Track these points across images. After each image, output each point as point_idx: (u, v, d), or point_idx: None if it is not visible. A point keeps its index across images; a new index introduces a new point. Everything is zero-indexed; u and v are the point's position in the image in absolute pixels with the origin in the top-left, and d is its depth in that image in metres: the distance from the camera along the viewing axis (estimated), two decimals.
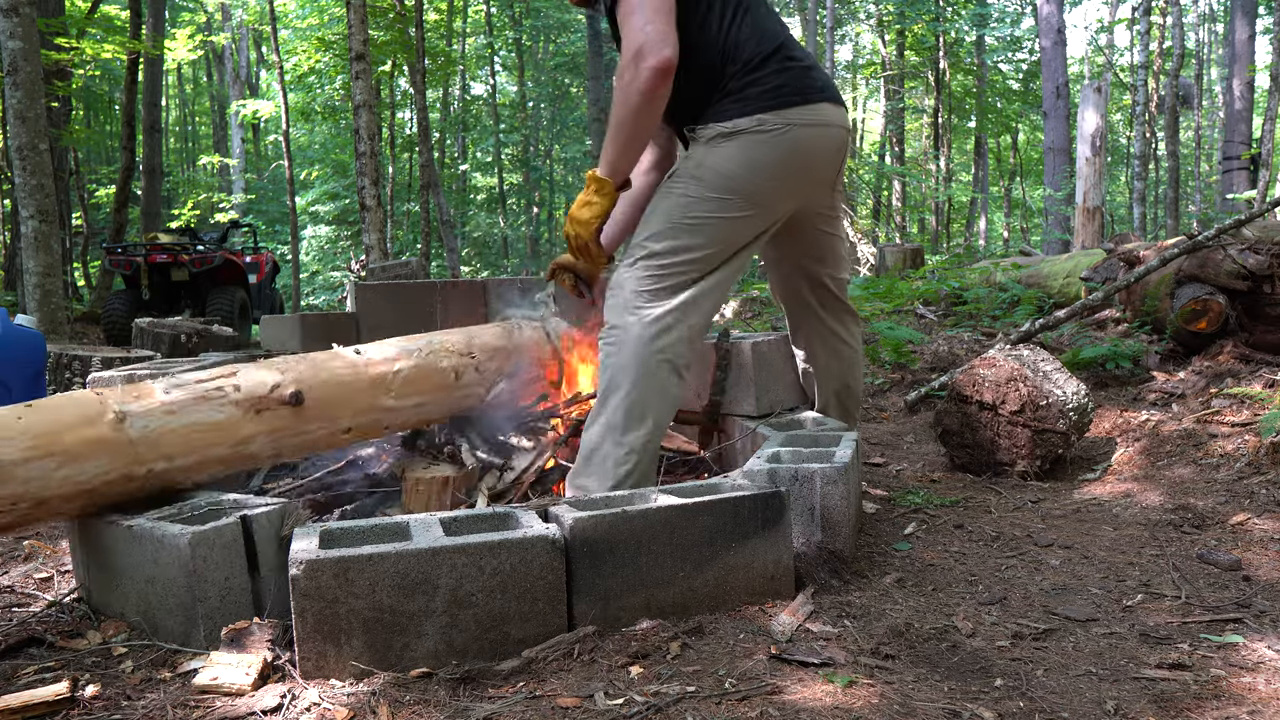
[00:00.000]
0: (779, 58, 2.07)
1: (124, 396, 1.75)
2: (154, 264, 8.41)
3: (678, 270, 2.03)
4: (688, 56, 1.99)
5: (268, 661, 1.50)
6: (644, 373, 1.98)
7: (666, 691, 1.39)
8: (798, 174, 2.10)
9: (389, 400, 2.15)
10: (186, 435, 1.79)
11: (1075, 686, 1.44)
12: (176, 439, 1.78)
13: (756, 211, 2.07)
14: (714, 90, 2.07)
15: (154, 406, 1.76)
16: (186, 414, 1.80)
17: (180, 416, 1.79)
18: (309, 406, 1.96)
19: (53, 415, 1.65)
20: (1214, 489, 2.56)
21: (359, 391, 2.08)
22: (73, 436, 1.64)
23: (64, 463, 1.63)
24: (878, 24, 22.63)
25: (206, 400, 1.83)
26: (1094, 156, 9.41)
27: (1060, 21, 13.41)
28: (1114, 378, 3.77)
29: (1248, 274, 3.61)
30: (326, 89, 15.41)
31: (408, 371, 2.18)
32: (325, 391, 2.01)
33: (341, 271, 18.73)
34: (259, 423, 1.90)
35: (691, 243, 2.03)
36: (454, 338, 2.39)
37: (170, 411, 1.77)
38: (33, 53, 6.14)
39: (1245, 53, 14.06)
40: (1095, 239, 9.13)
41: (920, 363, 4.46)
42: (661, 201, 2.08)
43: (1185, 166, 22.44)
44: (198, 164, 25.30)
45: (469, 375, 2.35)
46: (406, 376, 2.18)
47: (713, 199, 2.03)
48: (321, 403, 2.00)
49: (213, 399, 1.84)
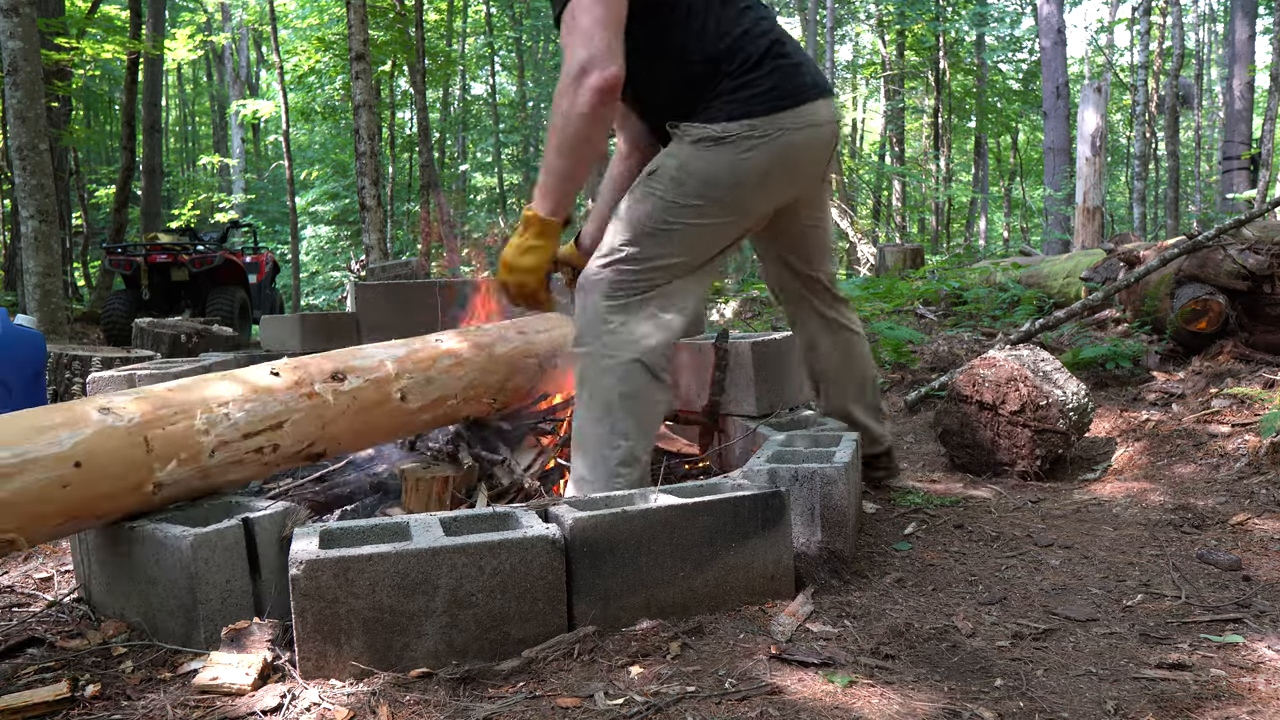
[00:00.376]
0: (772, 55, 1.95)
1: (168, 454, 1.73)
2: (154, 264, 8.41)
3: (651, 276, 1.93)
4: (673, 50, 1.91)
5: (268, 661, 1.50)
6: (621, 381, 1.90)
7: (666, 691, 1.39)
8: (786, 178, 2.03)
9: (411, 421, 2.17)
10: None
11: (1075, 686, 1.44)
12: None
13: (738, 218, 2.01)
14: (705, 90, 1.94)
15: (191, 473, 1.77)
16: (215, 478, 1.83)
17: (209, 480, 1.82)
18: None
19: (100, 487, 1.62)
20: (1214, 489, 2.56)
21: (381, 435, 2.13)
22: (109, 505, 1.65)
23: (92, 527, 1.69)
24: (878, 24, 22.64)
25: (242, 465, 1.86)
26: (1094, 156, 9.41)
27: (1060, 21, 13.42)
28: (1114, 378, 3.77)
29: (1248, 274, 3.62)
30: (326, 89, 15.42)
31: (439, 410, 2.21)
32: (356, 442, 2.07)
33: (341, 271, 18.73)
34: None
35: (668, 249, 1.93)
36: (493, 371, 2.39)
37: (204, 477, 1.81)
38: (33, 53, 6.14)
39: (1245, 53, 14.06)
40: (1095, 239, 9.14)
41: (920, 363, 4.46)
42: (639, 204, 1.95)
43: (1185, 166, 22.44)
44: (198, 164, 25.30)
45: (413, 399, 2.23)
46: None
47: (693, 206, 1.93)
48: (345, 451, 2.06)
49: (248, 463, 1.87)
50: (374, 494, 2.27)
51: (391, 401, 2.10)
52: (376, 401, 2.07)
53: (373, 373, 2.08)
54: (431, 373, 2.21)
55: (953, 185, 23.70)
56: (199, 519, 1.76)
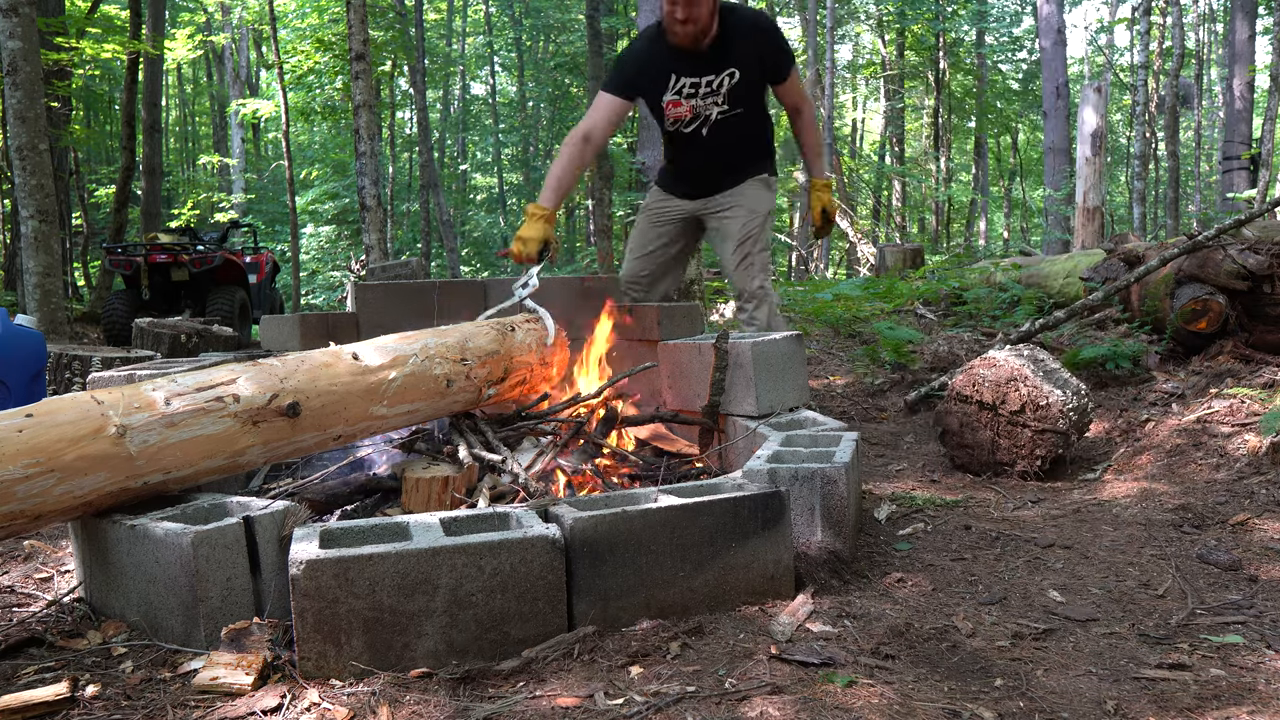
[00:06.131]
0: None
1: (125, 408, 1.73)
2: (154, 264, 8.40)
3: (769, 256, 3.30)
4: (761, 128, 3.22)
5: (268, 661, 1.51)
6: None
7: (666, 691, 1.39)
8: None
9: (381, 409, 2.14)
10: (185, 449, 1.77)
11: (1075, 686, 1.44)
12: (175, 453, 1.76)
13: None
14: (769, 154, 3.29)
15: (154, 419, 1.74)
16: (186, 428, 1.77)
17: (180, 430, 1.76)
18: (304, 417, 1.96)
19: (54, 431, 1.64)
20: (1214, 489, 2.56)
21: (353, 401, 2.08)
22: (73, 453, 1.63)
23: (64, 479, 1.62)
24: (877, 24, 22.64)
25: (206, 413, 1.81)
26: (1094, 156, 9.41)
27: (1060, 21, 13.42)
28: (1114, 378, 3.77)
29: (1248, 274, 3.61)
30: (326, 89, 15.41)
31: (401, 380, 2.17)
32: (321, 401, 2.00)
33: (341, 271, 18.73)
34: (255, 434, 1.89)
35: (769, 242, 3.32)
36: (450, 340, 2.38)
37: (170, 425, 1.75)
38: (33, 53, 6.14)
39: (1245, 53, 14.06)
40: (1095, 239, 9.14)
41: (920, 363, 4.46)
42: (762, 236, 3.20)
43: (1185, 166, 22.43)
44: (198, 164, 25.29)
45: (460, 383, 2.34)
46: (400, 386, 2.17)
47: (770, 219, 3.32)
48: (317, 413, 1.99)
49: (212, 411, 1.82)
50: (374, 494, 2.27)
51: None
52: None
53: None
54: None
55: (953, 185, 23.70)
56: (199, 518, 1.76)
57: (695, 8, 2.85)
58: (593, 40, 12.99)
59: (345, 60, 11.26)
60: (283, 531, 1.71)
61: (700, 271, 6.20)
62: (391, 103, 17.72)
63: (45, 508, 1.62)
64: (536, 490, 2.17)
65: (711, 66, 3.01)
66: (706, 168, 3.19)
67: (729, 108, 3.07)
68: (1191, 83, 21.07)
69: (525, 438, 2.58)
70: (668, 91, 3.05)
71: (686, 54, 2.99)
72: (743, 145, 3.17)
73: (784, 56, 3.10)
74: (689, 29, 2.90)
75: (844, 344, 5.42)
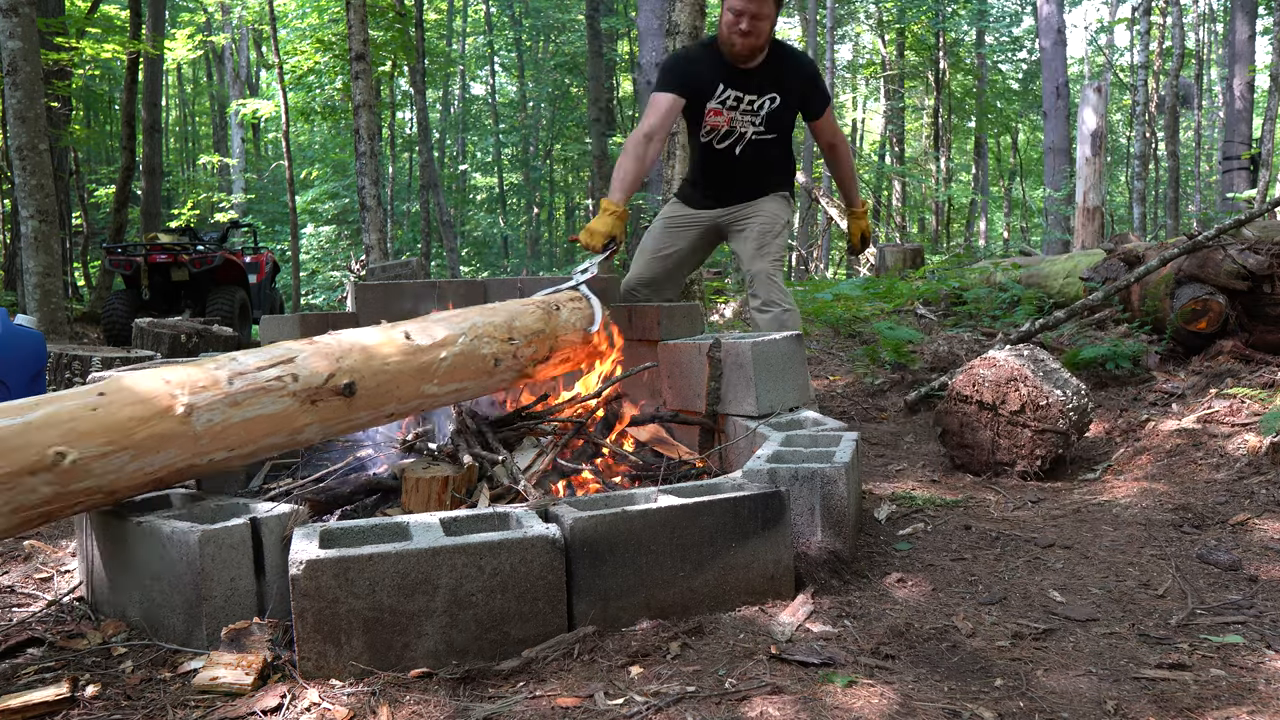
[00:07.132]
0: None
1: (191, 387, 1.76)
2: (154, 264, 8.39)
3: (783, 255, 3.38)
4: (787, 155, 3.37)
5: (268, 661, 1.51)
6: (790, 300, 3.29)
7: (666, 691, 1.39)
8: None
9: (432, 388, 2.17)
10: (247, 428, 1.80)
11: (1075, 686, 1.44)
12: (238, 431, 1.79)
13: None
14: (791, 177, 3.45)
15: (218, 399, 1.76)
16: (248, 406, 1.80)
17: (243, 409, 1.79)
18: (359, 396, 1.98)
19: (125, 410, 1.66)
20: (1214, 489, 2.56)
21: (405, 380, 2.11)
22: (144, 431, 1.66)
23: (137, 456, 1.65)
24: (877, 24, 22.64)
25: (266, 392, 1.84)
26: (1094, 156, 9.41)
27: (1060, 21, 13.42)
28: (1114, 378, 3.77)
29: (1248, 274, 3.61)
30: (326, 89, 15.40)
31: (451, 360, 2.20)
32: (376, 381, 2.03)
33: (341, 271, 18.73)
34: (313, 413, 1.91)
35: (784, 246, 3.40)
36: (498, 319, 2.40)
37: (234, 404, 1.78)
38: (33, 53, 6.14)
39: (1245, 53, 14.06)
40: (1095, 239, 9.14)
41: (920, 363, 4.46)
42: (780, 236, 3.30)
43: (1185, 166, 22.43)
44: (198, 164, 25.27)
45: (507, 361, 2.38)
46: (450, 365, 2.19)
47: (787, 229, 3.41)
48: (372, 392, 2.02)
49: (272, 390, 1.84)
50: (374, 494, 2.27)
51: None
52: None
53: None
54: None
55: (953, 185, 23.70)
56: (205, 517, 1.76)
57: (759, 21, 3.01)
58: (593, 40, 13.00)
59: (345, 60, 11.26)
60: (284, 532, 1.71)
61: (700, 271, 6.20)
62: (391, 103, 17.70)
63: (120, 484, 1.64)
64: (536, 489, 2.17)
65: (756, 87, 3.18)
66: (732, 182, 3.34)
67: (764, 130, 3.24)
68: (1191, 83, 21.07)
69: (525, 438, 2.58)
70: (713, 99, 3.18)
71: (737, 70, 3.15)
72: (769, 166, 3.34)
73: (823, 96, 3.34)
74: (749, 41, 3.04)
75: (844, 344, 5.42)
